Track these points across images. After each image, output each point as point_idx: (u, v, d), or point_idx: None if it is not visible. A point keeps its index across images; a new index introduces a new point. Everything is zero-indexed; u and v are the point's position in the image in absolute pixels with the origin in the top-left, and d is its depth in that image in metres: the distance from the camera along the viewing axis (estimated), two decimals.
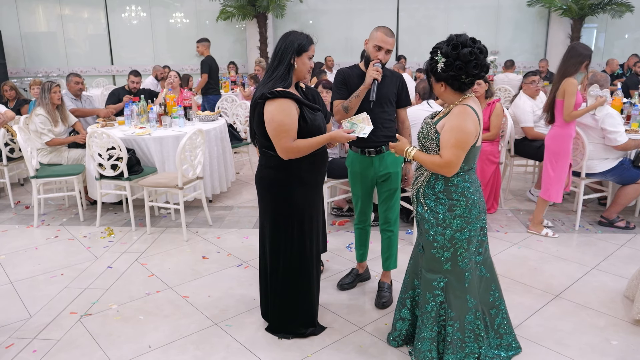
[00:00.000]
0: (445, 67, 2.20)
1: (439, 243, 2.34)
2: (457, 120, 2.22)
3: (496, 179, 4.69)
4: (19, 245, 4.16)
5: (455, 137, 2.20)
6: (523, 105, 4.92)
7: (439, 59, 2.21)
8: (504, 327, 2.53)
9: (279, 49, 2.52)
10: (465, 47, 2.16)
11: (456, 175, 2.30)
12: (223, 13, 11.45)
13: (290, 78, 2.52)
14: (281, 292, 2.73)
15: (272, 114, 2.43)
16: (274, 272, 2.71)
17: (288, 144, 2.44)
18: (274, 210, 2.63)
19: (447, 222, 2.30)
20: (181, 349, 2.71)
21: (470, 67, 2.17)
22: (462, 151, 2.22)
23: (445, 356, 2.40)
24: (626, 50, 10.10)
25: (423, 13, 11.85)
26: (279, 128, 2.42)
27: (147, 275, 3.60)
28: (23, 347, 2.74)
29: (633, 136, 4.28)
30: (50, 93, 4.86)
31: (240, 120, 6.57)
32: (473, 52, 2.16)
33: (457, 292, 2.36)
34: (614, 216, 4.34)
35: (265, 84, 2.51)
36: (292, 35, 2.53)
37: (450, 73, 2.20)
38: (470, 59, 2.16)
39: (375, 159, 3.05)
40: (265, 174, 2.62)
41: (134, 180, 4.41)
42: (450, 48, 2.18)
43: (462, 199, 2.28)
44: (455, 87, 2.25)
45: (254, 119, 2.56)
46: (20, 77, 12.07)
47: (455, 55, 2.17)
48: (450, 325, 2.38)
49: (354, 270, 3.42)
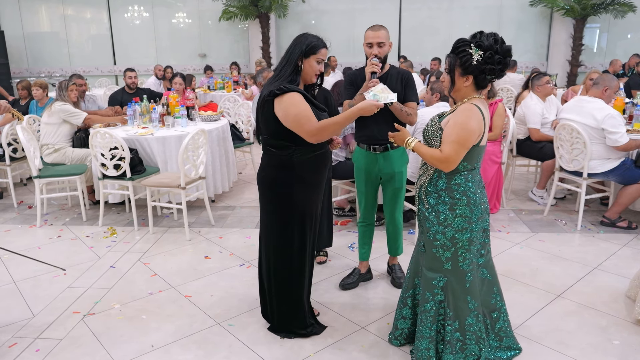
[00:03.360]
0: (482, 60, 2.18)
1: (439, 242, 2.34)
2: (461, 117, 2.22)
3: (498, 179, 4.69)
4: (22, 245, 4.17)
5: (457, 133, 2.21)
6: (534, 107, 4.90)
7: (473, 51, 2.19)
8: (504, 330, 2.53)
9: (289, 49, 2.54)
10: (503, 44, 2.19)
11: (459, 174, 2.30)
12: (225, 13, 11.47)
13: (298, 79, 2.52)
14: (281, 291, 2.73)
15: (286, 109, 2.42)
16: (274, 272, 2.71)
17: (313, 126, 2.42)
18: (275, 209, 2.64)
19: (448, 221, 2.30)
20: (184, 349, 2.72)
21: (506, 61, 2.20)
22: (463, 148, 2.21)
23: (444, 356, 2.40)
24: (629, 50, 10.08)
25: (425, 13, 11.84)
26: (297, 117, 2.41)
27: (150, 274, 3.61)
28: (26, 346, 2.75)
29: (634, 136, 4.27)
30: (68, 91, 5.05)
31: (242, 120, 6.58)
32: (510, 50, 2.19)
33: (457, 293, 2.36)
34: (615, 216, 4.34)
35: (272, 82, 2.52)
36: (303, 37, 2.53)
37: (488, 66, 2.18)
38: (510, 55, 2.19)
39: (380, 157, 3.12)
40: (267, 173, 2.62)
41: (136, 180, 4.42)
42: (493, 41, 2.17)
43: (463, 198, 2.28)
44: (480, 83, 2.25)
45: (260, 116, 2.56)
46: (23, 77, 12.09)
47: (497, 49, 2.17)
48: (449, 324, 2.38)
49: (356, 270, 3.43)
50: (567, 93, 6.90)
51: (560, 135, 4.37)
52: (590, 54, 11.62)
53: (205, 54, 12.44)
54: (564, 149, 4.35)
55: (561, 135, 4.35)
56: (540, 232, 4.27)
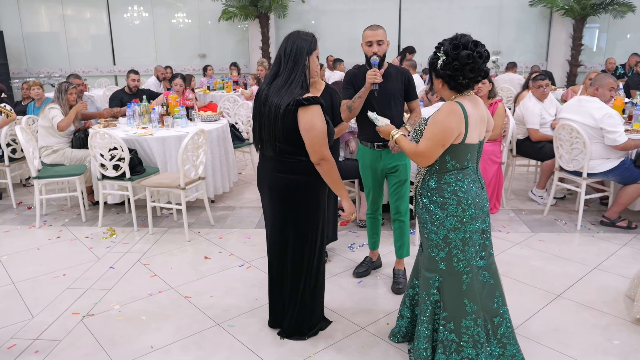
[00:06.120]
0: (443, 65, 2.21)
1: (433, 242, 2.35)
2: (440, 115, 2.23)
3: (498, 179, 4.69)
4: (21, 246, 4.17)
5: (432, 131, 2.23)
6: (532, 108, 4.90)
7: (440, 55, 2.22)
8: (507, 337, 2.45)
9: (290, 50, 2.44)
10: (465, 49, 2.15)
11: (448, 174, 2.30)
12: (225, 13, 11.45)
13: (308, 81, 2.48)
14: (304, 295, 2.70)
15: (313, 121, 2.38)
16: (298, 278, 2.66)
17: (328, 152, 2.43)
18: (301, 215, 2.58)
19: (440, 220, 2.31)
20: (183, 350, 2.72)
21: (466, 70, 2.17)
22: (437, 145, 2.22)
23: (436, 356, 2.39)
24: (628, 50, 10.05)
25: (425, 13, 11.83)
26: (321, 135, 2.40)
27: (150, 275, 3.60)
28: (25, 347, 2.75)
29: (633, 136, 4.27)
30: (67, 94, 5.03)
31: (242, 121, 6.58)
32: (471, 55, 2.15)
33: (453, 294, 2.35)
34: (615, 216, 4.34)
35: (287, 88, 2.41)
36: (300, 37, 2.47)
37: (447, 72, 2.21)
38: (467, 62, 2.15)
39: (384, 152, 3.20)
40: (292, 180, 2.52)
41: (136, 181, 4.42)
42: (451, 47, 2.18)
43: (453, 198, 2.28)
44: (451, 86, 2.27)
45: (277, 125, 2.41)
46: (22, 77, 12.08)
47: (454, 56, 2.17)
48: (442, 325, 2.37)
49: (367, 259, 3.57)
50: (566, 93, 6.90)
51: (559, 135, 4.37)
52: (589, 54, 11.62)
53: (204, 54, 12.43)
54: (564, 148, 4.35)
55: (561, 135, 4.35)
56: (540, 232, 4.27)
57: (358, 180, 4.36)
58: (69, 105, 5.04)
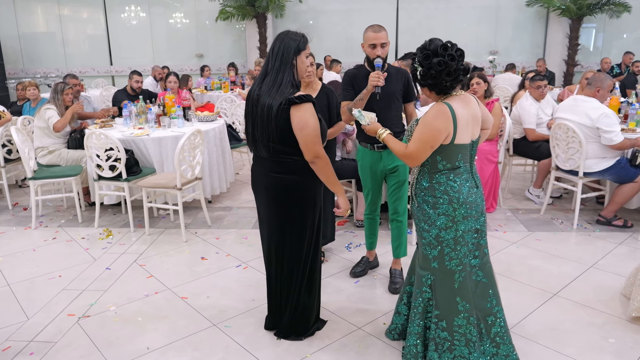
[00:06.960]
0: (422, 76, 2.24)
1: (426, 240, 2.37)
2: (427, 117, 2.25)
3: (495, 179, 4.69)
4: (17, 247, 4.16)
5: (421, 132, 2.24)
6: (529, 108, 4.91)
7: (417, 67, 2.26)
8: (501, 336, 2.45)
9: (278, 50, 2.43)
10: (436, 57, 2.18)
11: (439, 173, 2.31)
12: (222, 13, 11.44)
13: (297, 80, 2.48)
14: (301, 295, 2.69)
15: (305, 119, 2.37)
16: (295, 279, 2.66)
17: (321, 149, 2.43)
18: (297, 215, 2.57)
19: (432, 219, 2.32)
20: (180, 351, 2.71)
21: (443, 75, 2.19)
22: (426, 146, 2.23)
23: (428, 353, 2.41)
24: (624, 50, 10.07)
25: (423, 13, 11.83)
26: (314, 133, 2.40)
27: (146, 276, 3.59)
28: (20, 349, 2.74)
29: (629, 135, 4.28)
30: (63, 95, 5.01)
31: (239, 121, 6.57)
32: (442, 61, 2.17)
33: (445, 292, 2.36)
34: (611, 215, 4.34)
35: (277, 88, 2.40)
36: (288, 36, 2.47)
37: (428, 81, 2.24)
38: (441, 68, 2.17)
39: (384, 154, 3.19)
40: (288, 181, 2.51)
41: (132, 181, 4.41)
42: (422, 58, 2.21)
43: (445, 197, 2.29)
44: (437, 91, 2.29)
45: (271, 125, 2.40)
46: (19, 77, 12.04)
47: (427, 65, 2.20)
48: (434, 323, 2.38)
49: (364, 259, 3.57)
50: (563, 92, 6.92)
51: (556, 135, 4.37)
52: (586, 53, 11.65)
53: (202, 54, 12.42)
54: (560, 148, 4.36)
55: (557, 135, 4.36)
56: (536, 231, 4.28)
57: (355, 180, 4.36)
58: (65, 106, 5.02)
